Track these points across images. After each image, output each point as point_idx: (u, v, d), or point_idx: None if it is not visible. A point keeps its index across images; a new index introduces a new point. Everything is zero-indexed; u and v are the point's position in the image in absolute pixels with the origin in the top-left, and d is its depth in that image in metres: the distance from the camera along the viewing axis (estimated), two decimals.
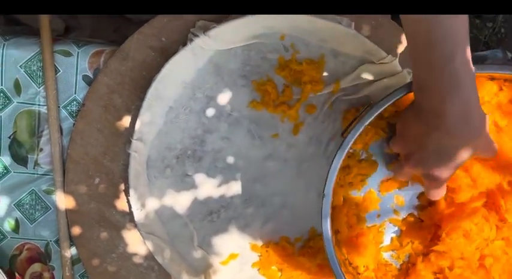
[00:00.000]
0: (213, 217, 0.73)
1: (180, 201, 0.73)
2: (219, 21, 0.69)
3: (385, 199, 0.67)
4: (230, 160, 0.72)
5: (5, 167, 0.73)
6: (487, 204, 0.64)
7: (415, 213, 0.68)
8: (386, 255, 0.68)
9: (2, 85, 0.71)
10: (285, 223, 0.74)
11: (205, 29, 0.68)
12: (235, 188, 0.73)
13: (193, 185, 0.72)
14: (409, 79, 0.69)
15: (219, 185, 0.73)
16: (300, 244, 0.74)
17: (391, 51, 0.70)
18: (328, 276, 0.72)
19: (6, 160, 0.73)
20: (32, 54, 0.71)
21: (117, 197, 0.73)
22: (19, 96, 0.71)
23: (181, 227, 0.73)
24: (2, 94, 0.71)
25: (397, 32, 0.71)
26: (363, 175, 0.67)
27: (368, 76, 0.70)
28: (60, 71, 0.71)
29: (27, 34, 0.76)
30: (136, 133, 0.69)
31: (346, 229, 0.66)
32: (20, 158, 0.73)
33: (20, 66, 0.71)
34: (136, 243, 0.73)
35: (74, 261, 0.75)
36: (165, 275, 0.73)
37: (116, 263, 0.73)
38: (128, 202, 0.72)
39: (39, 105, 0.72)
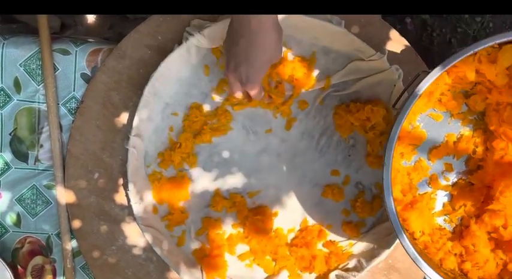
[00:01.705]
0: (210, 209, 0.76)
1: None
2: (213, 20, 0.71)
3: (435, 167, 0.70)
4: (226, 154, 0.75)
5: (6, 163, 0.75)
6: None
7: (464, 178, 0.70)
8: (439, 220, 0.70)
9: (2, 83, 0.73)
10: (278, 214, 0.76)
11: (200, 28, 0.70)
12: (230, 181, 0.75)
13: (190, 179, 0.75)
14: (396, 75, 0.71)
15: (215, 178, 0.75)
16: (293, 235, 0.76)
17: (380, 48, 0.72)
18: (320, 266, 0.75)
19: (8, 156, 0.75)
20: (31, 53, 0.72)
21: (116, 191, 0.75)
22: (19, 93, 0.73)
23: None
24: (2, 92, 0.73)
25: (386, 30, 0.73)
26: (412, 145, 0.69)
27: (357, 73, 0.72)
28: (59, 69, 0.73)
29: (24, 32, 0.77)
30: (134, 129, 0.71)
31: (400, 197, 0.68)
32: (20, 155, 0.75)
33: (19, 65, 0.72)
34: (135, 235, 0.75)
35: (75, 253, 0.77)
36: (163, 266, 0.75)
37: (116, 255, 0.76)
38: (127, 195, 0.74)
39: (38, 102, 0.74)
